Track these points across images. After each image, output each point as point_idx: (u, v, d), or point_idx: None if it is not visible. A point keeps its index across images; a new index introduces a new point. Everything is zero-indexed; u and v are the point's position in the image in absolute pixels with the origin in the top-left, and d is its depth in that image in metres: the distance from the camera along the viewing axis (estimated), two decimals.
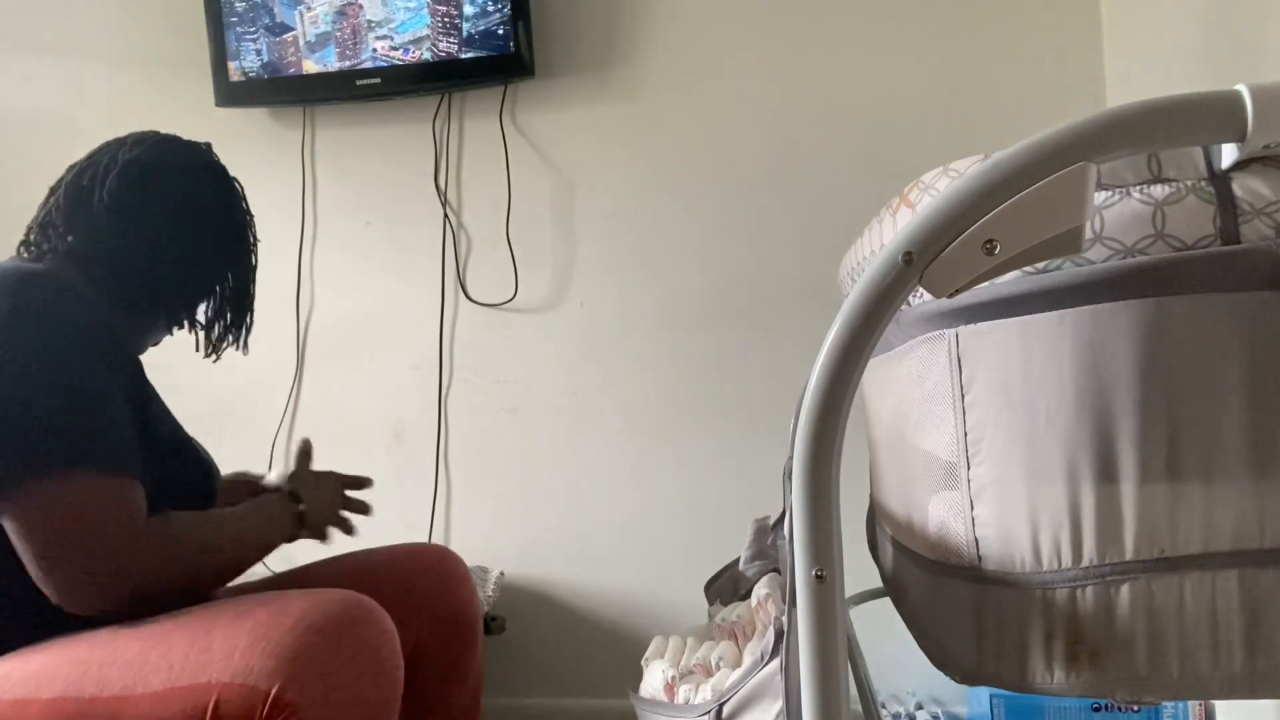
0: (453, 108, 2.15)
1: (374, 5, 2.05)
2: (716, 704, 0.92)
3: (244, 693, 0.87)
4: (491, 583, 2.06)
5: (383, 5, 2.05)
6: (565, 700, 2.10)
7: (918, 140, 1.96)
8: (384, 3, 2.05)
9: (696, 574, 1.55)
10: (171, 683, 0.89)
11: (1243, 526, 0.57)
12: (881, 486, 0.82)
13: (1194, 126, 0.52)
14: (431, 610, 1.26)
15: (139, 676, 0.90)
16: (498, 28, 2.01)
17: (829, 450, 0.57)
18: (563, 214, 2.11)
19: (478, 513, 2.12)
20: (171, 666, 0.90)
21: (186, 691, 0.88)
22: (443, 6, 2.03)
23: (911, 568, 0.71)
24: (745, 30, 2.05)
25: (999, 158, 0.52)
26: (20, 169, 2.18)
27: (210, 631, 0.92)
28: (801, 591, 0.58)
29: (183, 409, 1.21)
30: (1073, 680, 0.60)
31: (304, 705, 0.87)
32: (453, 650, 1.27)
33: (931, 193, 0.67)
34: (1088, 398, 0.59)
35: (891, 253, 0.54)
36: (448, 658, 1.27)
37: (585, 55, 2.10)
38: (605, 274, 2.09)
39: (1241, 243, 0.57)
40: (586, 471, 2.10)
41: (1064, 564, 0.60)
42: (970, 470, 0.64)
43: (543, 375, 2.09)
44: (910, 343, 0.69)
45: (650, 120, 2.08)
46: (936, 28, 1.97)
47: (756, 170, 2.03)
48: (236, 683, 0.87)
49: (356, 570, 1.27)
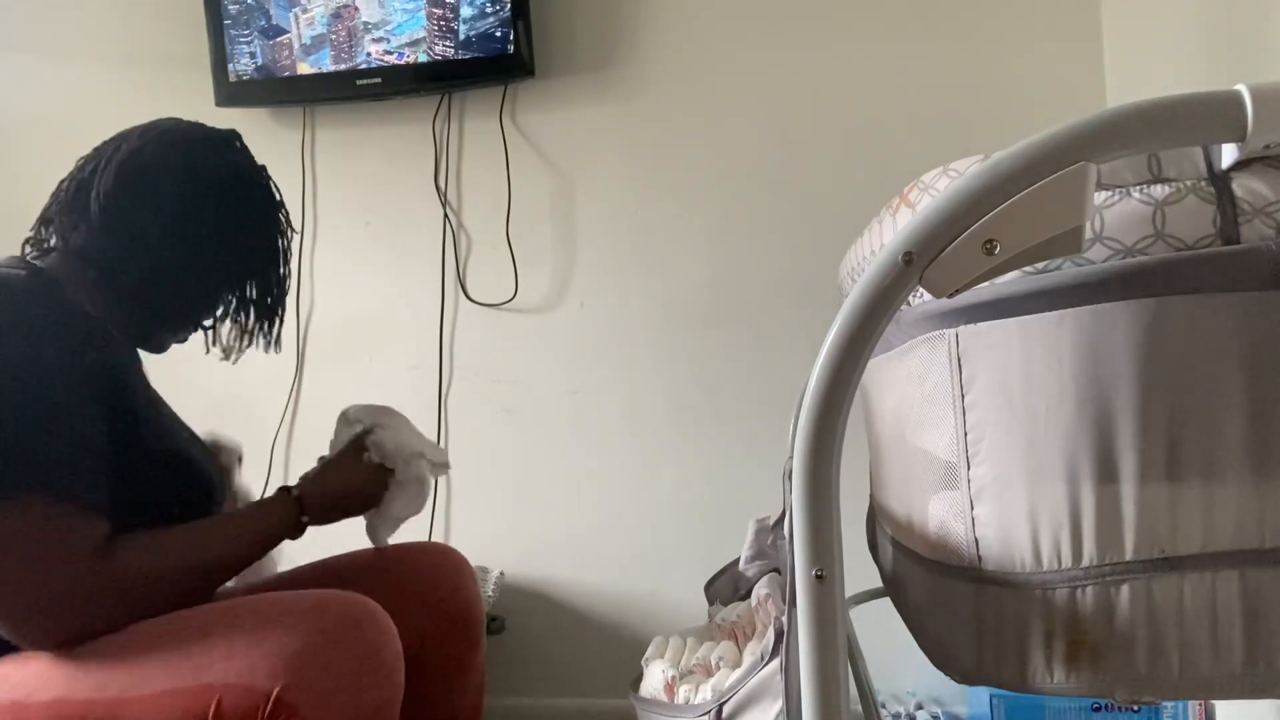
0: (453, 108, 2.15)
1: (370, 7, 2.05)
2: (717, 704, 0.92)
3: (245, 693, 0.87)
4: (491, 583, 2.06)
5: (380, 7, 2.05)
6: (565, 700, 2.10)
7: (918, 140, 1.96)
8: (381, 4, 2.05)
9: (696, 574, 1.55)
10: (172, 684, 0.89)
11: (1243, 526, 0.57)
12: (881, 486, 0.82)
13: (1194, 126, 0.52)
14: (436, 608, 1.25)
15: (139, 679, 0.90)
16: (495, 30, 2.00)
17: (829, 450, 0.57)
18: (563, 214, 2.11)
19: (478, 512, 2.12)
20: (171, 668, 0.90)
21: (187, 693, 0.88)
22: (438, 10, 2.03)
23: (911, 568, 0.71)
24: (745, 30, 2.05)
25: (999, 158, 0.52)
26: (20, 169, 2.18)
27: (210, 633, 0.92)
28: (801, 591, 0.58)
29: (183, 409, 1.21)
30: (1073, 680, 0.60)
31: (305, 705, 0.87)
32: (458, 649, 1.27)
33: (931, 193, 0.67)
34: (1088, 398, 0.59)
35: (891, 253, 0.54)
36: (452, 656, 1.27)
37: (585, 55, 2.10)
38: (605, 274, 2.09)
39: (1241, 243, 0.57)
40: (586, 471, 2.10)
41: (1064, 564, 0.60)
42: (970, 470, 0.64)
43: (543, 375, 2.09)
44: (910, 343, 0.69)
45: (650, 120, 2.08)
46: (936, 28, 1.97)
47: (756, 170, 2.03)
48: (238, 684, 0.87)
49: (362, 567, 1.26)
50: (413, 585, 1.24)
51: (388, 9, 2.04)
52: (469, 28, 2.01)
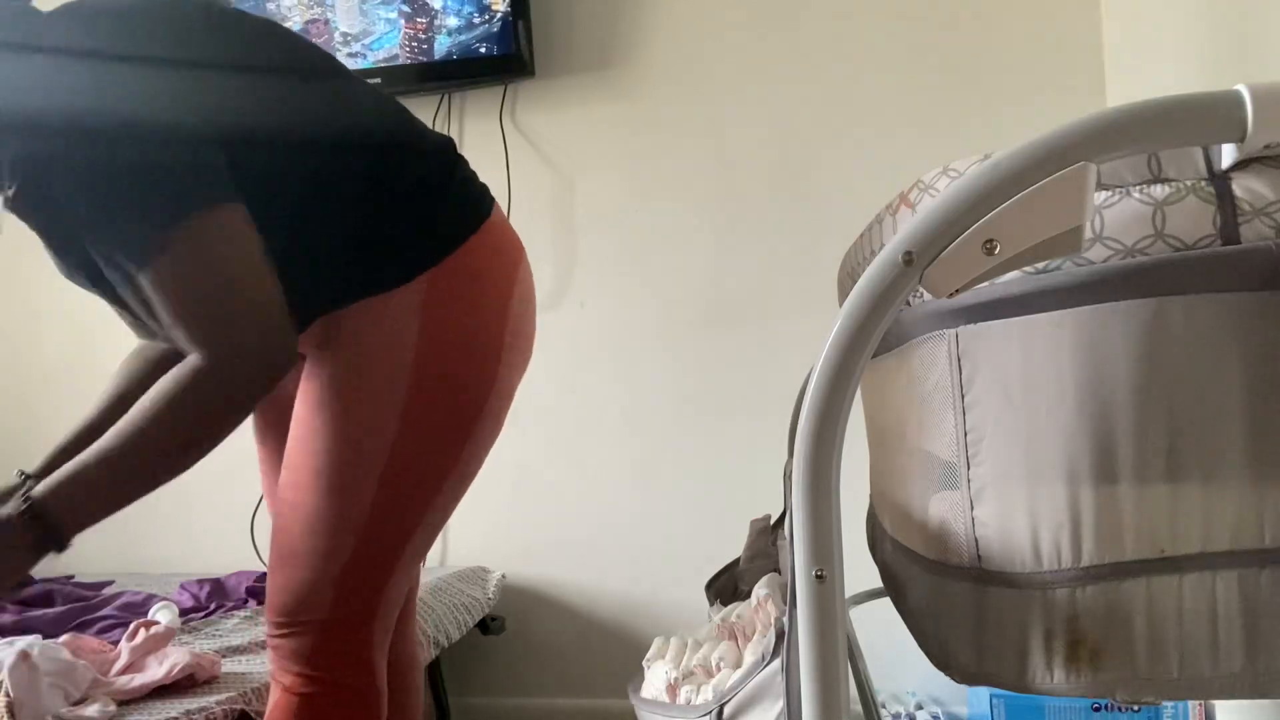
0: (453, 107, 2.15)
1: (349, 17, 2.04)
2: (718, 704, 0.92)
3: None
4: (492, 585, 2.06)
5: (361, 16, 2.03)
6: (565, 700, 2.11)
7: (918, 140, 1.96)
8: (362, 14, 2.03)
9: (697, 574, 1.56)
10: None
11: (1243, 526, 0.57)
12: (881, 486, 0.82)
13: (1194, 126, 0.52)
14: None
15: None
16: (479, 45, 1.99)
17: (829, 450, 0.57)
18: (562, 214, 2.11)
19: (478, 514, 2.12)
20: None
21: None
22: (422, 19, 2.02)
23: (911, 568, 0.71)
24: (745, 30, 2.05)
25: (999, 158, 0.52)
26: None
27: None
28: (801, 591, 0.58)
29: None
30: (1073, 680, 0.60)
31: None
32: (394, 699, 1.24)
33: (931, 193, 0.67)
34: (1088, 397, 0.59)
35: (891, 253, 0.54)
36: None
37: (585, 55, 2.10)
38: (605, 274, 2.09)
39: (1241, 243, 0.57)
40: (586, 471, 2.10)
41: (1064, 564, 0.60)
42: (970, 470, 0.64)
43: (543, 375, 2.09)
44: (910, 343, 0.69)
45: (650, 120, 2.08)
46: (936, 27, 1.97)
47: (756, 170, 2.04)
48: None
49: None
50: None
51: (370, 18, 2.03)
52: (452, 40, 2.00)
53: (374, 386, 1.03)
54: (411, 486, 1.05)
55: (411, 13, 2.02)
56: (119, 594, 1.90)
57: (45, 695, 1.21)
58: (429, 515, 1.08)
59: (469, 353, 1.07)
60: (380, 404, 1.03)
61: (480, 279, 1.07)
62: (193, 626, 1.74)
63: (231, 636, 1.65)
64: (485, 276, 1.08)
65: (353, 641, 1.07)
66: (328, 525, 1.04)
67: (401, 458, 1.04)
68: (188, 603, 1.88)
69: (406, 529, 1.06)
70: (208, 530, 2.37)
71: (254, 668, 1.46)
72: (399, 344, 1.03)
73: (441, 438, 1.06)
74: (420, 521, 1.07)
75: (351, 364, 1.03)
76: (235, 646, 1.57)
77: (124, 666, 1.37)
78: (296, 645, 1.06)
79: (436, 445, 1.06)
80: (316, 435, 1.04)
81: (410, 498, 1.06)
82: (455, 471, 1.08)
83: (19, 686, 1.18)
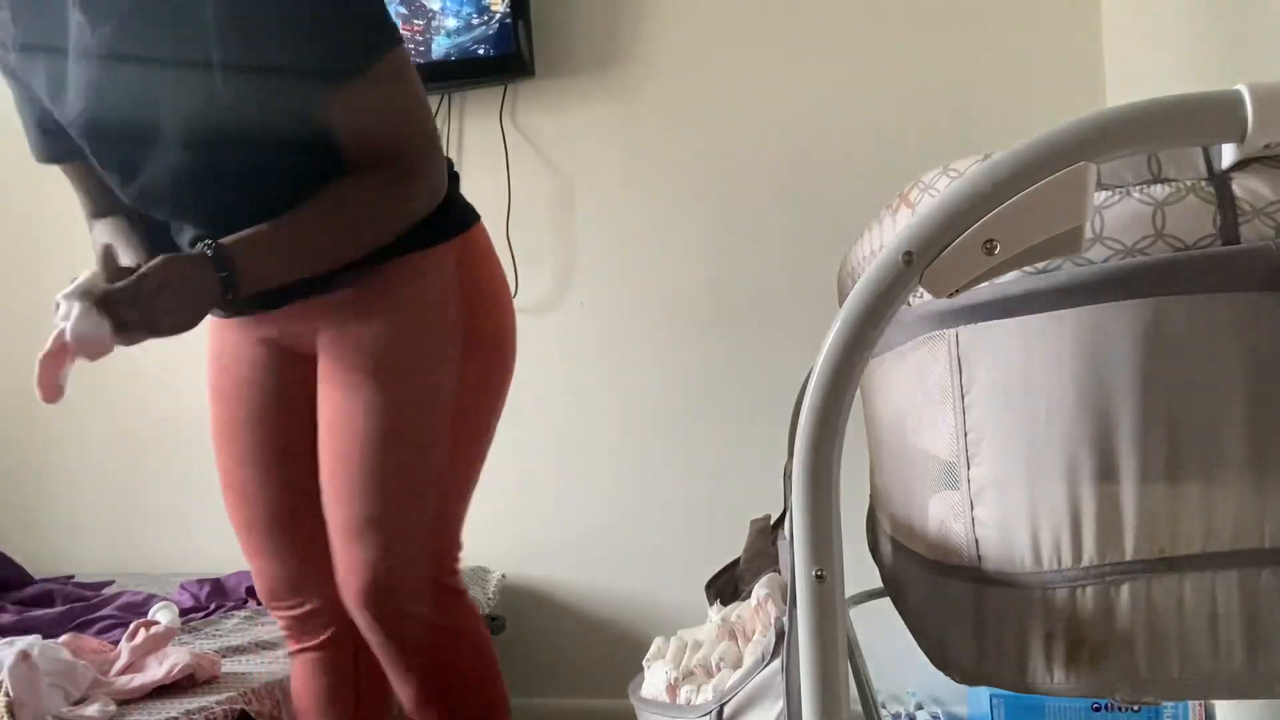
0: (453, 107, 2.15)
1: None
2: (718, 704, 0.92)
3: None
4: (492, 585, 2.06)
5: None
6: (565, 700, 2.11)
7: (918, 140, 1.96)
8: None
9: (697, 574, 1.55)
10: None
11: (1243, 526, 0.57)
12: (881, 487, 0.82)
13: (1194, 126, 0.52)
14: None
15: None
16: (477, 47, 2.00)
17: (829, 450, 0.57)
18: (563, 214, 2.11)
19: (478, 513, 2.11)
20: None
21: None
22: (419, 21, 2.02)
23: (911, 568, 0.71)
24: (745, 30, 2.05)
25: (999, 158, 0.52)
26: (21, 169, 2.18)
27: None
28: (801, 591, 0.58)
29: (182, 410, 1.21)
30: (1073, 680, 0.60)
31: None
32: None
33: (931, 193, 0.67)
34: (1088, 398, 0.59)
35: (891, 253, 0.54)
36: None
37: (585, 55, 2.10)
38: (605, 274, 2.09)
39: (1241, 243, 0.57)
40: (586, 471, 2.10)
41: (1064, 564, 0.60)
42: (970, 470, 0.64)
43: (543, 375, 2.09)
44: (910, 343, 0.69)
45: (650, 120, 2.08)
46: (936, 27, 1.97)
47: (756, 170, 2.04)
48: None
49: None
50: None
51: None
52: (450, 41, 2.00)
53: (431, 342, 1.11)
54: (474, 433, 1.16)
55: (409, 14, 2.02)
56: (119, 594, 1.90)
57: (45, 695, 1.21)
58: (483, 459, 1.20)
59: (498, 305, 1.21)
60: (441, 358, 1.11)
61: (491, 253, 1.24)
62: (193, 626, 1.74)
63: (231, 636, 1.65)
64: (492, 252, 1.25)
65: (457, 589, 1.16)
66: (415, 484, 1.09)
67: (463, 407, 1.13)
68: (188, 603, 1.88)
69: (473, 476, 1.19)
70: (208, 530, 2.37)
71: (254, 668, 1.46)
72: (443, 300, 1.12)
73: (489, 384, 1.18)
74: (479, 465, 1.19)
75: (403, 321, 1.10)
76: (235, 646, 1.57)
77: (124, 666, 1.37)
78: (413, 608, 1.10)
79: (487, 392, 1.18)
80: (381, 395, 1.08)
81: (474, 444, 1.17)
82: (499, 412, 1.21)
83: (19, 686, 1.18)
